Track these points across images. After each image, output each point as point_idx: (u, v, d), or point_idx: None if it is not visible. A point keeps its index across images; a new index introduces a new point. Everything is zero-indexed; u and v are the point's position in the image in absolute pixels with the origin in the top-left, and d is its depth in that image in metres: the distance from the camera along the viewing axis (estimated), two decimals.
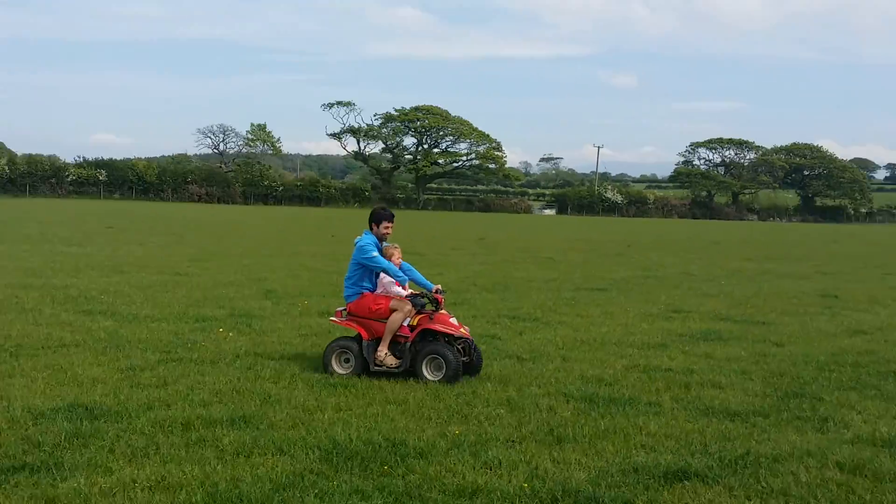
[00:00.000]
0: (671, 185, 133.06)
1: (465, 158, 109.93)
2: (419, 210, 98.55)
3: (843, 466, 6.23)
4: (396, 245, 9.58)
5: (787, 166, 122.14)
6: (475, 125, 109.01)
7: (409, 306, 8.91)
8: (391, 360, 8.83)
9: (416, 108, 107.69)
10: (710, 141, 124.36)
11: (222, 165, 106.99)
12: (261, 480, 5.50)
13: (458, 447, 6.32)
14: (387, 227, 9.35)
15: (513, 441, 6.61)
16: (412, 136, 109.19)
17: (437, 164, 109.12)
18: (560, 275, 22.68)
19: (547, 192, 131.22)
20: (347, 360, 9.04)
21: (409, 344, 8.86)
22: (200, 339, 10.82)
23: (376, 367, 8.83)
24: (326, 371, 8.96)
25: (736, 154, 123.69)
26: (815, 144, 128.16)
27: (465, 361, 8.95)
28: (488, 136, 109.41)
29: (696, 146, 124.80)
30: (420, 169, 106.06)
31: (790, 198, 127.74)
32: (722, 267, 27.73)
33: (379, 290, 9.36)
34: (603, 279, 21.83)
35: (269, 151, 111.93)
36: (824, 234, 65.00)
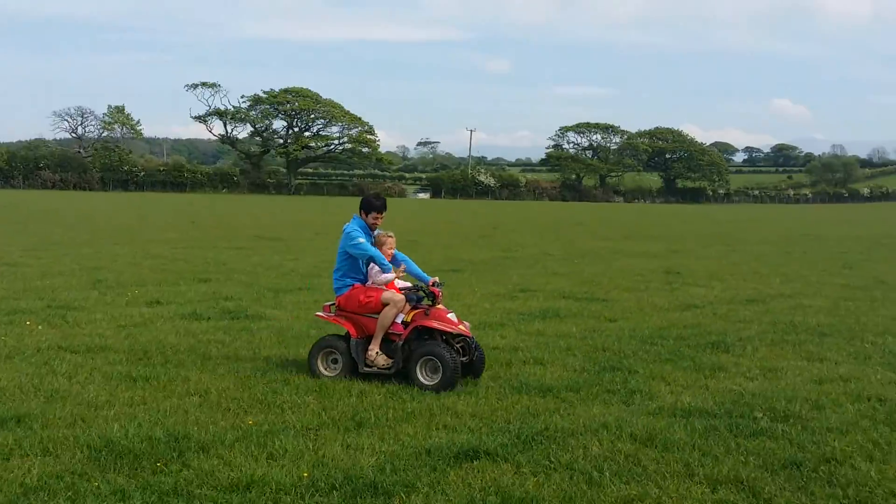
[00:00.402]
0: (544, 168, 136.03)
1: (337, 142, 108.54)
2: (290, 195, 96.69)
3: (636, 437, 6.26)
4: (391, 233, 8.66)
5: (650, 150, 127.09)
6: (349, 109, 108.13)
7: (401, 300, 8.04)
8: (382, 360, 7.96)
9: (286, 91, 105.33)
10: (578, 125, 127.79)
11: (80, 150, 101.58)
12: (10, 484, 5.00)
13: (246, 438, 5.98)
14: (376, 219, 8.53)
15: (309, 429, 6.33)
16: (282, 119, 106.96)
17: (309, 147, 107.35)
18: (419, 257, 22.48)
19: (422, 175, 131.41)
20: (335, 361, 8.19)
21: (401, 342, 7.97)
22: (3, 333, 10.00)
23: (366, 369, 7.98)
24: (312, 373, 8.14)
25: (603, 138, 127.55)
26: (677, 129, 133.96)
27: (464, 362, 8.01)
28: (360, 119, 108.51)
29: (565, 130, 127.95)
30: (291, 153, 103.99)
31: (654, 180, 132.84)
32: (580, 247, 28.40)
33: (370, 283, 8.47)
34: (461, 261, 21.88)
35: (130, 135, 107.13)
36: (681, 215, 67.85)
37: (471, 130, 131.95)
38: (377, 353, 7.99)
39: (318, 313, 8.82)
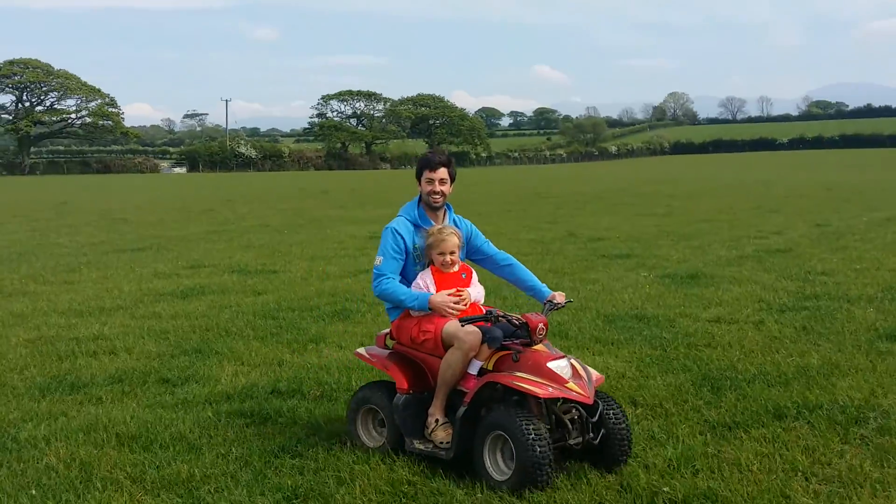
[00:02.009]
0: (311, 138, 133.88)
1: (74, 116, 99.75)
2: (25, 176, 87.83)
3: (121, 437, 5.36)
4: (451, 228, 5.26)
5: (413, 116, 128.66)
6: (92, 81, 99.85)
7: (473, 337, 4.83)
8: (442, 434, 4.95)
9: (11, 62, 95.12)
10: (340, 93, 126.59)
11: None
12: None
13: None
14: (430, 182, 5.28)
15: None
16: (10, 92, 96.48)
17: (42, 123, 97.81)
18: (113, 237, 20.53)
19: (172, 149, 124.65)
20: (382, 424, 5.34)
21: (464, 409, 4.83)
22: None
23: (416, 446, 4.97)
24: (352, 441, 5.37)
25: (366, 106, 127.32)
26: (439, 95, 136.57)
27: (583, 441, 4.78)
28: (99, 91, 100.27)
29: (328, 99, 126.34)
30: (21, 129, 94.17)
31: (419, 146, 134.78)
32: (307, 216, 27.43)
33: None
34: (157, 238, 20.16)
35: None
36: None
37: (226, 100, 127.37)
38: (437, 421, 4.99)
39: (358, 350, 5.71)
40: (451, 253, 5.13)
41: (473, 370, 4.89)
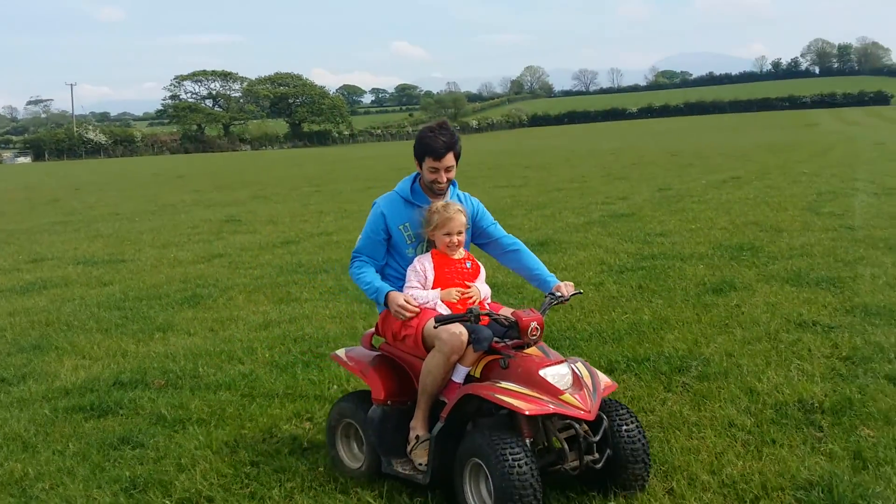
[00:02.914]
0: (166, 121, 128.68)
1: None
2: None
3: None
4: (459, 206, 4.46)
5: (272, 96, 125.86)
6: None
7: (457, 339, 4.05)
8: (421, 455, 4.19)
9: None
10: (195, 74, 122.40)
11: None
12: None
13: None
14: (434, 171, 4.45)
15: None
16: None
17: None
18: None
19: (15, 138, 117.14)
20: (361, 443, 4.55)
21: (439, 424, 4.13)
22: None
23: (394, 467, 4.24)
24: (335, 465, 4.60)
25: (223, 86, 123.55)
26: (297, 74, 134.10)
27: (581, 465, 3.96)
28: None
29: (181, 80, 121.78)
30: None
31: (280, 125, 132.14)
32: (160, 202, 26.43)
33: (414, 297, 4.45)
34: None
35: None
36: (297, 158, 67.56)
37: (71, 85, 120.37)
38: (418, 438, 4.23)
39: (336, 352, 4.84)
40: (459, 233, 4.36)
41: (458, 378, 4.09)
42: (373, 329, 4.71)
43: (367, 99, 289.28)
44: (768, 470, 4.24)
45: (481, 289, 4.46)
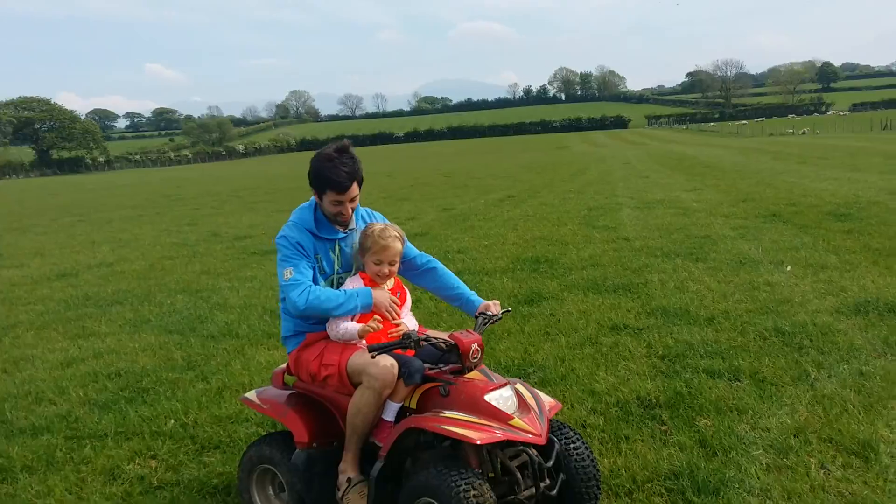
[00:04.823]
0: None
1: None
2: None
3: None
4: (394, 229, 4.11)
5: (15, 121, 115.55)
6: None
7: (387, 372, 3.71)
8: (356, 500, 3.74)
9: None
10: None
11: None
12: None
13: None
14: (337, 204, 4.00)
15: None
16: None
17: None
18: None
19: None
20: (283, 489, 4.06)
21: (379, 463, 3.69)
22: None
23: None
24: None
25: None
26: (45, 97, 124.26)
27: (537, 493, 3.72)
28: None
29: None
30: None
31: (25, 153, 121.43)
32: None
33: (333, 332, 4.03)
34: None
35: None
36: (49, 187, 62.48)
37: None
38: (350, 481, 3.85)
39: (246, 395, 4.36)
40: (391, 263, 4.06)
41: (389, 416, 3.82)
42: (283, 367, 4.33)
43: (122, 123, 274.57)
44: (632, 464, 4.46)
45: (409, 323, 4.13)
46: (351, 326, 3.91)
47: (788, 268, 10.01)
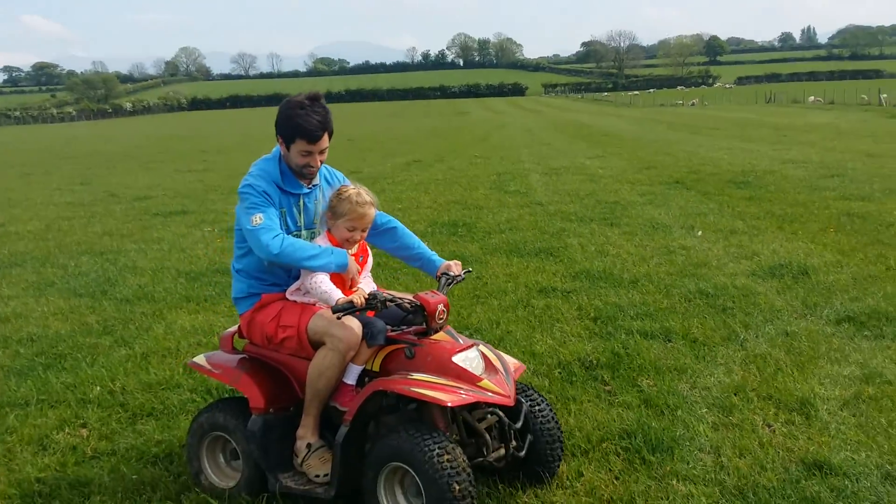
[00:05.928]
0: None
1: None
2: None
3: None
4: (360, 189, 3.86)
5: None
6: None
7: (351, 333, 3.56)
8: (317, 465, 3.62)
9: None
10: None
11: None
12: None
13: None
14: (306, 154, 3.79)
15: None
16: None
17: None
18: None
19: None
20: (237, 456, 3.82)
21: (344, 428, 3.50)
22: None
23: (285, 483, 3.61)
24: (196, 482, 3.88)
25: None
26: None
27: (506, 455, 3.66)
28: None
29: None
30: None
31: None
32: None
33: (296, 290, 3.86)
34: None
35: None
36: None
37: None
38: (309, 447, 3.67)
39: (194, 360, 4.10)
40: (363, 230, 3.87)
41: (350, 379, 3.68)
42: (232, 329, 4.09)
43: (0, 78, 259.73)
44: (584, 425, 4.49)
45: (366, 286, 3.95)
46: (332, 288, 3.68)
47: (699, 232, 10.32)
